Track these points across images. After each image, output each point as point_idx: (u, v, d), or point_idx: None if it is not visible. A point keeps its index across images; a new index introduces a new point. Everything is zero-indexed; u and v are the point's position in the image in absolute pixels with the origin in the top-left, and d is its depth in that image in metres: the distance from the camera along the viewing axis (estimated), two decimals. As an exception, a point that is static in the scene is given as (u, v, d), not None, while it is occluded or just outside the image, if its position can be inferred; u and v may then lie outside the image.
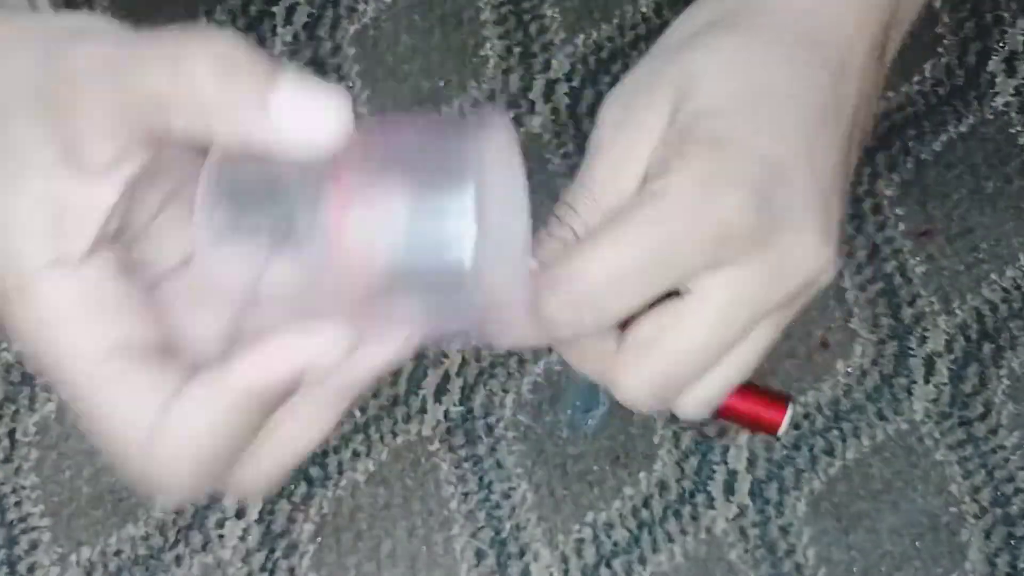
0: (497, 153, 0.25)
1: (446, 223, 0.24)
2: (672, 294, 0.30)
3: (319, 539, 0.51)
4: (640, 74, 0.32)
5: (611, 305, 0.29)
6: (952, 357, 0.51)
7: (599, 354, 0.31)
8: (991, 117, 0.54)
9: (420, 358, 0.52)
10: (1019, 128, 0.54)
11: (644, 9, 0.55)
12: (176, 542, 0.51)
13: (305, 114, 0.24)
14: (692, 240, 0.29)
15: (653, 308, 0.30)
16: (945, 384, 0.51)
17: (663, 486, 0.50)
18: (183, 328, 0.27)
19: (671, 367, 0.30)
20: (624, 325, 0.31)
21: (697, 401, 0.32)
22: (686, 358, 0.30)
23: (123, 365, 0.25)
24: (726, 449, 0.51)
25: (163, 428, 0.25)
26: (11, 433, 0.52)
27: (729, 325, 0.30)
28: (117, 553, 0.51)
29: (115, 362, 0.25)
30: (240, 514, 0.51)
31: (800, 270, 0.30)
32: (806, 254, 0.30)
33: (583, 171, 0.31)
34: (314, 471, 0.51)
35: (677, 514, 0.50)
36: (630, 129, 0.31)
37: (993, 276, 0.52)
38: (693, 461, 0.51)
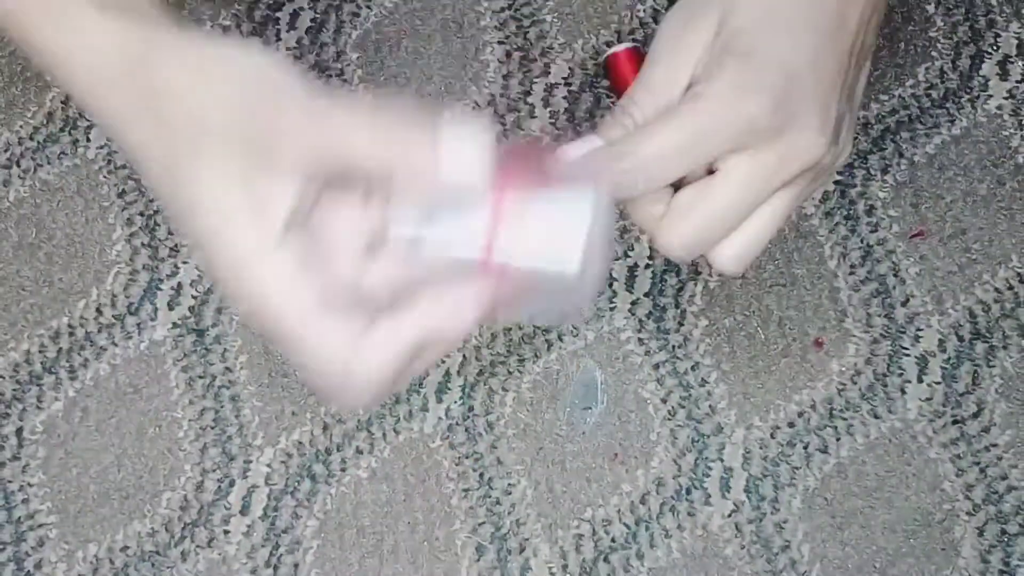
0: (599, 200, 0.35)
1: (564, 243, 0.34)
2: (710, 172, 0.39)
3: (322, 535, 0.51)
4: (689, 2, 0.40)
5: (658, 174, 0.38)
6: (945, 356, 0.51)
7: (650, 216, 0.40)
8: (984, 120, 0.54)
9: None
10: (1012, 131, 0.54)
11: (641, 14, 0.55)
12: (182, 538, 0.51)
13: (462, 166, 0.33)
14: (722, 131, 0.37)
15: (692, 183, 0.39)
16: (938, 383, 0.51)
17: (660, 483, 0.51)
18: (363, 285, 0.35)
19: (702, 225, 0.38)
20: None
21: (728, 255, 0.40)
22: (713, 219, 0.38)
23: (322, 316, 0.34)
24: (722, 446, 0.51)
25: (356, 362, 0.34)
26: (19, 431, 0.52)
27: (747, 194, 0.38)
28: (124, 549, 0.51)
29: (319, 311, 0.34)
30: (245, 510, 0.51)
31: (802, 155, 0.38)
32: (807, 143, 0.38)
33: (643, 73, 0.40)
34: (317, 468, 0.51)
35: (674, 510, 0.50)
36: (683, 42, 0.39)
37: (986, 277, 0.52)
38: (689, 458, 0.51)
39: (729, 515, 0.50)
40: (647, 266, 0.53)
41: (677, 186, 0.40)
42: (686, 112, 0.37)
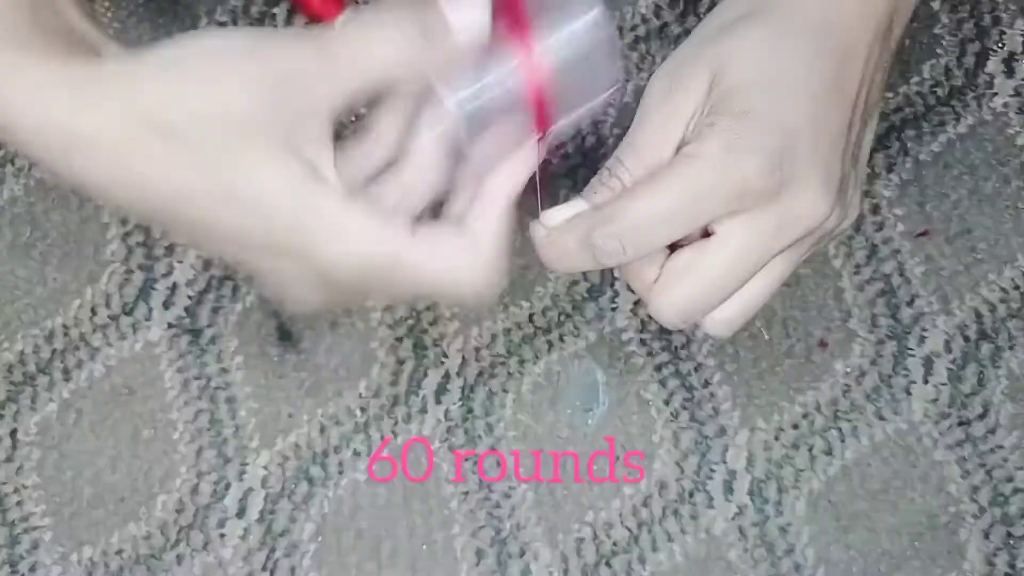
0: None
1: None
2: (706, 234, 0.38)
3: (320, 538, 0.51)
4: (683, 55, 0.39)
5: (647, 239, 0.37)
6: (951, 357, 0.51)
7: (644, 280, 0.39)
8: (990, 118, 0.54)
9: (420, 358, 0.52)
10: (1018, 129, 0.54)
11: (643, 11, 0.55)
12: (177, 541, 0.51)
13: (466, 15, 0.33)
14: (716, 194, 0.36)
15: (687, 246, 0.38)
16: (944, 384, 0.51)
17: (662, 485, 0.51)
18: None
19: (697, 292, 0.37)
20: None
21: (720, 321, 0.39)
22: (709, 285, 0.37)
23: (417, 232, 0.34)
24: (725, 449, 0.51)
25: (471, 249, 0.35)
26: (13, 433, 0.52)
27: (745, 261, 0.37)
28: (119, 552, 0.51)
29: (413, 234, 0.34)
30: (241, 513, 0.51)
31: (803, 218, 0.37)
32: (808, 206, 0.36)
33: (631, 132, 0.39)
34: (315, 471, 0.51)
35: (676, 513, 0.50)
36: (673, 101, 0.38)
37: (991, 276, 0.52)
38: (692, 460, 0.51)
39: (732, 518, 0.50)
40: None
41: (672, 247, 0.39)
42: (677, 174, 0.36)
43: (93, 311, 0.53)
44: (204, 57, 0.33)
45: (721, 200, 0.36)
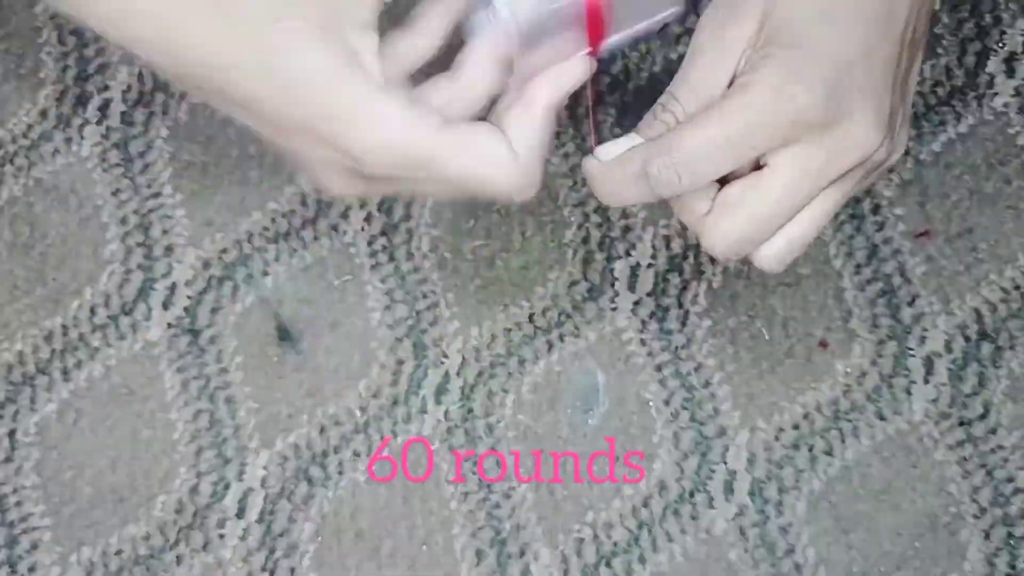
0: None
1: None
2: (757, 168, 0.38)
3: (319, 539, 0.51)
4: None
5: (703, 169, 0.37)
6: (951, 357, 0.51)
7: (695, 213, 0.39)
8: (990, 118, 0.54)
9: (420, 358, 0.52)
10: (1018, 128, 0.53)
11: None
12: (177, 542, 0.51)
13: None
14: (771, 124, 0.36)
15: (739, 179, 0.38)
16: (944, 384, 0.51)
17: (663, 486, 0.50)
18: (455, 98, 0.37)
19: (748, 223, 0.38)
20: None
21: (771, 255, 0.39)
22: (761, 216, 0.37)
23: (455, 131, 0.35)
24: (725, 449, 0.51)
25: (512, 143, 0.36)
26: (12, 433, 0.52)
27: (797, 191, 0.37)
28: (118, 553, 0.51)
29: (448, 132, 0.35)
30: (240, 514, 0.51)
31: (855, 149, 0.37)
32: (861, 136, 0.37)
33: (683, 68, 0.39)
34: (314, 471, 0.51)
35: (677, 514, 0.50)
36: (725, 35, 0.38)
37: (992, 276, 0.52)
38: (692, 461, 0.51)
39: (733, 519, 0.50)
40: (649, 266, 0.53)
41: (723, 181, 0.39)
42: (732, 105, 0.36)
43: (92, 311, 0.53)
44: None
45: (776, 130, 0.36)
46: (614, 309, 0.52)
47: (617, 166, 0.38)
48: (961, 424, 0.51)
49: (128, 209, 0.54)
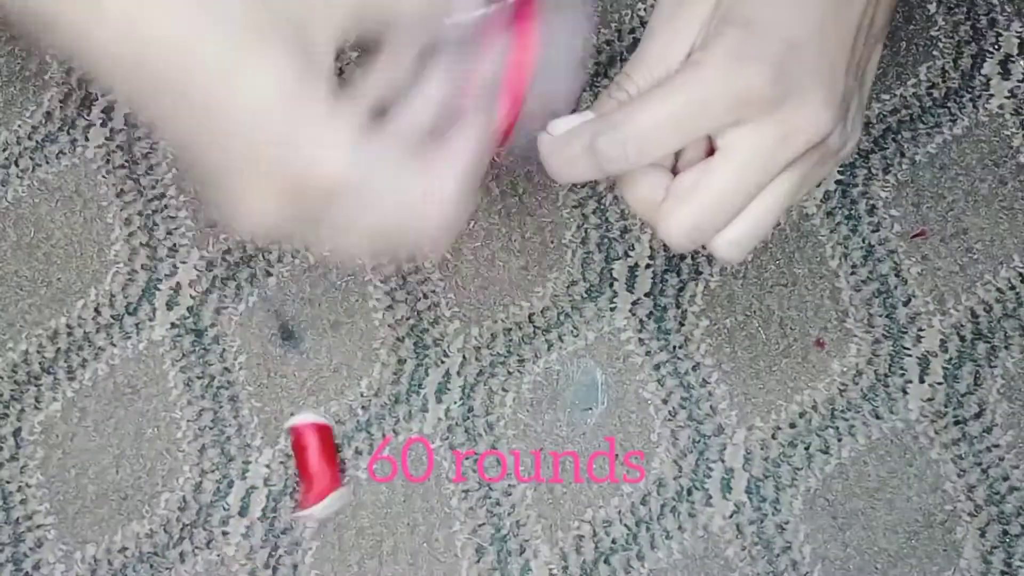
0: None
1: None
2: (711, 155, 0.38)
3: (321, 536, 0.51)
4: None
5: (652, 145, 0.36)
6: (947, 357, 0.51)
7: (649, 201, 0.38)
8: (986, 119, 0.54)
9: (421, 357, 0.52)
10: (1013, 130, 0.53)
11: (642, 13, 0.55)
12: (180, 539, 0.51)
13: None
14: (719, 101, 0.36)
15: (693, 167, 0.38)
16: (940, 383, 0.51)
17: (661, 484, 0.51)
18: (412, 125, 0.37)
19: (704, 209, 0.37)
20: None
21: (729, 241, 0.38)
22: (716, 202, 0.37)
23: (392, 162, 0.35)
24: (723, 447, 0.51)
25: (432, 182, 0.35)
26: (17, 432, 0.52)
27: (750, 173, 0.37)
28: (122, 550, 0.51)
29: (387, 162, 0.35)
30: (243, 511, 0.51)
31: (807, 129, 0.36)
32: (812, 116, 0.36)
33: (640, 46, 0.39)
34: (316, 469, 0.51)
35: (675, 511, 0.50)
36: (682, 14, 0.38)
37: (987, 276, 0.52)
38: (690, 459, 0.51)
39: (730, 516, 0.50)
40: (648, 266, 0.53)
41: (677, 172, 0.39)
42: (681, 81, 0.36)
43: (97, 311, 0.53)
44: None
45: (724, 107, 0.36)
46: (613, 309, 0.52)
47: (566, 141, 0.38)
48: (956, 423, 0.51)
49: (132, 210, 0.54)
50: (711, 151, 0.38)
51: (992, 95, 0.54)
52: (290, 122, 0.33)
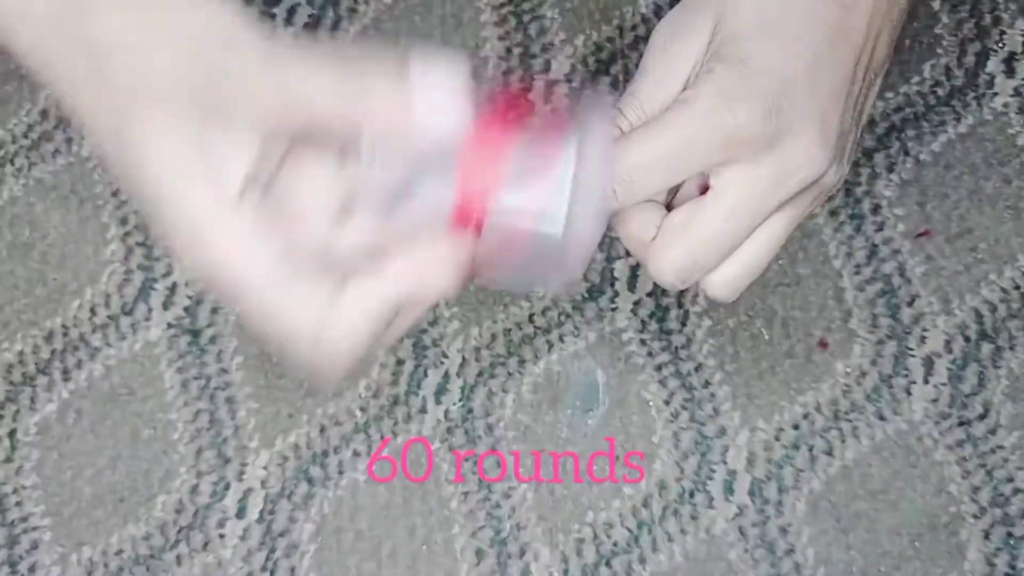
0: (592, 144, 0.32)
1: (545, 198, 0.30)
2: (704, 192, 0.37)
3: (319, 539, 0.51)
4: (686, 4, 0.38)
5: (641, 185, 0.36)
6: (951, 357, 0.51)
7: (640, 239, 0.38)
8: (990, 118, 0.54)
9: (420, 358, 0.52)
10: (1018, 129, 0.53)
11: (644, 10, 0.55)
12: (177, 542, 0.51)
13: (437, 114, 0.30)
14: (708, 140, 0.35)
15: (685, 204, 0.37)
16: (944, 384, 0.51)
17: (662, 486, 0.50)
18: (332, 245, 0.33)
19: (695, 248, 0.36)
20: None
21: (722, 282, 0.38)
22: (707, 242, 0.36)
23: (288, 279, 0.31)
24: (725, 449, 0.51)
25: (327, 325, 0.32)
26: (12, 433, 0.52)
27: (742, 213, 0.36)
28: (118, 553, 0.51)
29: (281, 277, 0.31)
30: (241, 514, 0.51)
31: (800, 170, 0.36)
32: (805, 156, 0.36)
33: (634, 82, 0.38)
34: (315, 471, 0.51)
35: (676, 514, 0.50)
36: (674, 50, 0.37)
37: (992, 276, 0.52)
38: (692, 461, 0.51)
39: (733, 518, 0.50)
40: (649, 266, 0.53)
41: (672, 208, 0.38)
42: (670, 119, 0.36)
43: (93, 311, 0.53)
44: (168, 9, 0.31)
45: (714, 147, 0.35)
46: (614, 309, 0.52)
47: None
48: (961, 424, 0.51)
49: (128, 209, 0.54)
50: (706, 187, 0.37)
51: (996, 93, 0.54)
52: (184, 206, 0.31)
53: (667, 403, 0.51)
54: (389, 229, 0.32)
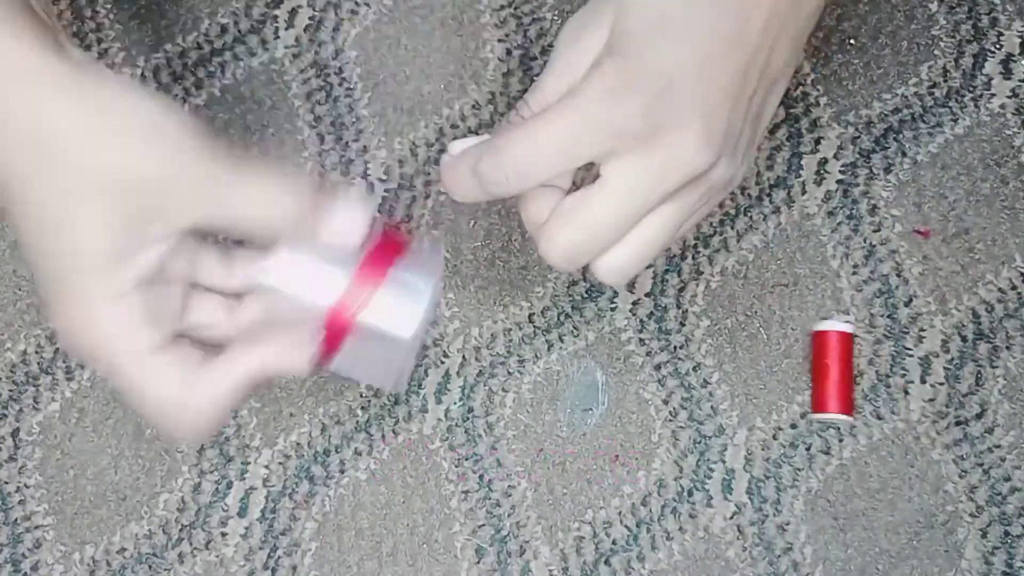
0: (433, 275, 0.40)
1: (404, 314, 0.38)
2: None
3: (321, 537, 0.51)
4: (592, 5, 0.40)
5: (527, 172, 0.38)
6: (948, 357, 0.51)
7: (535, 222, 0.40)
8: (987, 119, 0.54)
9: (421, 358, 0.52)
10: (1015, 130, 0.53)
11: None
12: (179, 540, 0.51)
13: (341, 234, 0.37)
14: (591, 131, 0.37)
15: (577, 190, 0.39)
16: (941, 384, 0.51)
17: (661, 484, 0.51)
18: (201, 325, 0.39)
19: (580, 233, 0.38)
20: None
21: (609, 266, 0.39)
22: (592, 227, 0.38)
23: (162, 354, 0.36)
24: (724, 448, 0.51)
25: (190, 397, 0.36)
26: (15, 432, 0.52)
27: (628, 202, 0.37)
28: (120, 551, 0.51)
29: (157, 353, 0.36)
30: (242, 512, 0.51)
31: (683, 162, 0.37)
32: (689, 151, 0.37)
33: (540, 76, 0.40)
34: (316, 470, 0.51)
35: (675, 512, 0.50)
36: (576, 47, 0.39)
37: (989, 276, 0.52)
38: (691, 460, 0.51)
39: (731, 517, 0.50)
40: (648, 266, 0.53)
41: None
42: (557, 111, 0.37)
43: (95, 311, 0.53)
44: (113, 107, 0.35)
45: (597, 137, 0.37)
46: (613, 309, 0.52)
47: (456, 162, 0.39)
48: (958, 423, 0.51)
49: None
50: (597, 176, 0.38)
51: (994, 94, 0.54)
52: (93, 325, 0.35)
53: (666, 402, 0.51)
54: (271, 314, 0.38)
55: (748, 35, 0.37)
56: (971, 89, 0.54)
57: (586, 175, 0.40)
